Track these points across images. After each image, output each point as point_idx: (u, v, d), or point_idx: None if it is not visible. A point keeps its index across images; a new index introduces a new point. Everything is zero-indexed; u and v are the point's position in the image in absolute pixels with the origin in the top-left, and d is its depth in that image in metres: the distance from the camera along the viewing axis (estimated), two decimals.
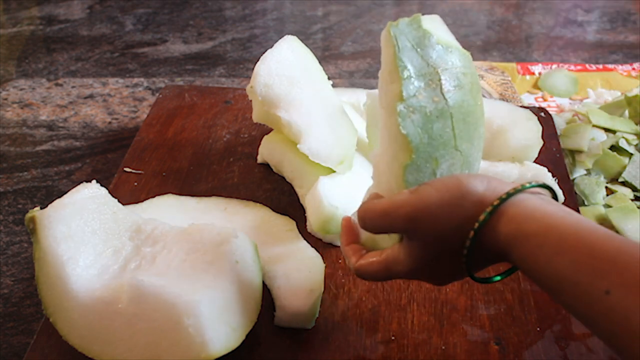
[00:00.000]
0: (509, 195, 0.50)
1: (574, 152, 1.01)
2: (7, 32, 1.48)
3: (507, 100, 1.16)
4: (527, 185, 0.51)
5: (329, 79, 0.91)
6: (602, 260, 0.44)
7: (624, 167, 0.99)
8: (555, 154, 0.96)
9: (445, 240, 0.52)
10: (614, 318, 0.42)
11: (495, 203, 0.49)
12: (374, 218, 0.55)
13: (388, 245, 0.58)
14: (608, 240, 0.45)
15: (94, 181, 0.70)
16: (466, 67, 0.58)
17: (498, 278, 0.56)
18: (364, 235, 0.62)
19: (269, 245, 0.77)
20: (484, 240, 0.50)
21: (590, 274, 0.44)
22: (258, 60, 0.87)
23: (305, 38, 0.91)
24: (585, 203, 0.96)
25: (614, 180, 1.00)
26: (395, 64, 0.55)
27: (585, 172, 1.00)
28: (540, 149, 0.87)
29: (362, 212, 0.56)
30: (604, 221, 0.92)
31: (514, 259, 0.50)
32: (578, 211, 0.86)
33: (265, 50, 0.88)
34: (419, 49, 0.56)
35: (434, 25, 0.59)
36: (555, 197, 0.53)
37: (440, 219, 0.51)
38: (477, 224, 0.50)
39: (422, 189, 0.52)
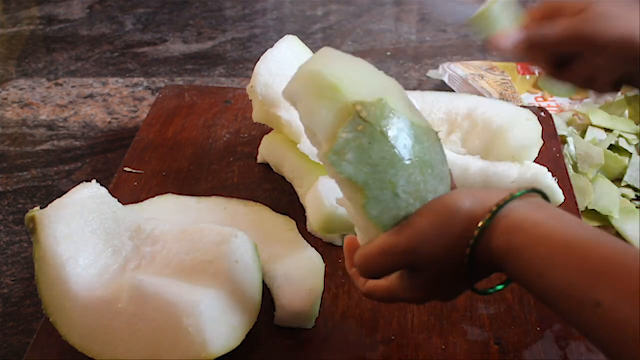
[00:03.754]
0: (500, 207, 0.50)
1: None
2: (7, 32, 1.48)
3: (507, 100, 1.16)
4: (517, 193, 0.51)
5: None
6: (591, 273, 0.44)
7: (624, 167, 0.99)
8: (555, 154, 0.96)
9: (444, 262, 0.52)
10: (607, 330, 0.43)
11: (488, 217, 0.50)
12: (374, 262, 0.54)
13: None
14: (598, 248, 0.46)
15: (94, 181, 0.70)
16: (384, 85, 0.56)
17: (500, 287, 0.56)
18: None
19: (269, 245, 0.77)
20: (480, 256, 0.51)
21: (581, 288, 0.44)
22: (258, 60, 0.87)
23: (305, 38, 0.91)
24: None
25: (614, 180, 1.00)
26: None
27: None
28: (540, 149, 0.87)
29: (360, 259, 0.55)
30: (604, 221, 0.92)
31: (508, 273, 0.51)
32: (578, 212, 0.86)
33: (265, 50, 0.88)
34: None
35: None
36: (546, 199, 0.53)
37: (436, 243, 0.51)
38: (472, 241, 0.50)
39: (412, 221, 0.52)
